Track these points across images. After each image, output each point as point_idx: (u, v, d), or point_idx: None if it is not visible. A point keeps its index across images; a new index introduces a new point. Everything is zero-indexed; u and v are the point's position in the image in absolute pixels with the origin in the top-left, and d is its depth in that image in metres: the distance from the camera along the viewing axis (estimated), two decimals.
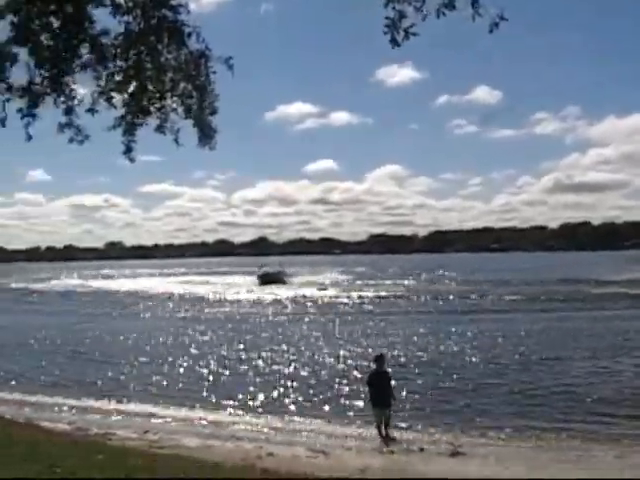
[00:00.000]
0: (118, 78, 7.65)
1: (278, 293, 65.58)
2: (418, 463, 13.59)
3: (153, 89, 7.74)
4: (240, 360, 26.90)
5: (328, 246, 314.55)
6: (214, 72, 7.80)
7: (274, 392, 21.09)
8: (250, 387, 21.90)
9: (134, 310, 52.70)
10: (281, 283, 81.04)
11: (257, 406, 19.60)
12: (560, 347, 27.94)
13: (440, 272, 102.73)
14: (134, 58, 7.55)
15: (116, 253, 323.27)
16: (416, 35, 6.07)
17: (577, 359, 25.30)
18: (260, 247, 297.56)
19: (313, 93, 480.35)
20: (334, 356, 27.14)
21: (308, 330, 35.98)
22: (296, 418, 18.22)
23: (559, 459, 13.79)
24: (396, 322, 38.66)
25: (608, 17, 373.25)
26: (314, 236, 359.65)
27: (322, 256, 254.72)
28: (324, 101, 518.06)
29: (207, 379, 23.63)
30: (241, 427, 17.35)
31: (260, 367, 25.42)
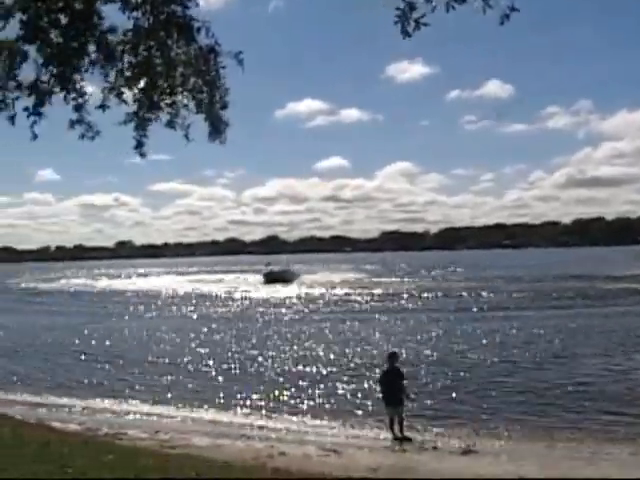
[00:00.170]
0: (128, 74, 7.67)
1: (284, 292, 65.59)
2: (431, 461, 13.52)
3: (163, 84, 7.75)
4: (249, 359, 26.88)
5: (339, 244, 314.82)
6: (224, 67, 7.81)
7: (284, 391, 21.07)
8: (260, 386, 21.89)
9: (142, 310, 52.72)
10: (287, 282, 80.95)
11: (267, 405, 19.57)
12: (572, 344, 27.84)
13: (452, 269, 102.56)
14: (144, 54, 7.56)
15: (126, 252, 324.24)
16: (427, 25, 6.01)
17: (589, 356, 25.19)
18: (271, 245, 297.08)
19: (323, 90, 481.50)
20: (344, 355, 27.12)
21: (316, 329, 35.93)
22: (307, 417, 18.22)
23: (572, 457, 13.74)
24: (406, 320, 38.51)
25: (620, 11, 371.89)
26: (325, 234, 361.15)
27: (333, 254, 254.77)
28: (334, 98, 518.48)
29: (217, 378, 23.67)
30: (252, 426, 17.34)
31: (269, 366, 25.40)
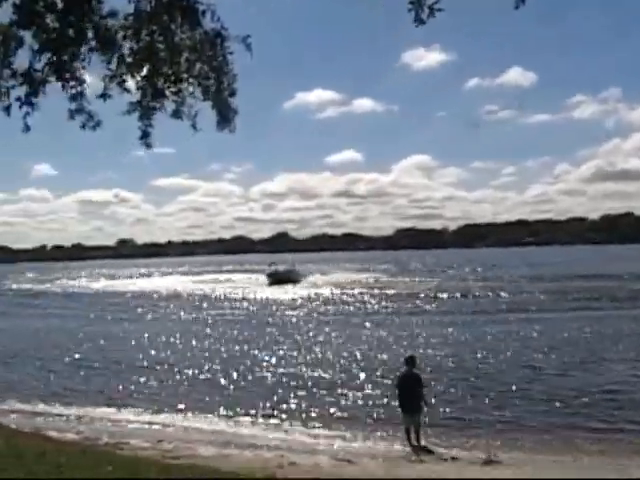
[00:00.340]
0: (130, 61, 7.62)
1: (289, 293, 65.73)
2: (450, 472, 13.46)
3: (167, 71, 7.71)
4: (255, 364, 26.87)
5: (352, 242, 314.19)
6: (231, 52, 7.76)
7: (293, 398, 21.08)
8: (267, 392, 21.91)
9: (142, 312, 52.83)
10: (293, 282, 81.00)
11: (276, 413, 19.56)
12: (599, 349, 27.66)
13: (470, 268, 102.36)
14: (146, 39, 7.51)
15: (127, 251, 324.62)
16: (441, 11, 5.98)
17: (618, 362, 25.02)
18: (280, 244, 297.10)
19: (334, 79, 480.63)
20: (355, 359, 27.11)
21: (324, 333, 35.90)
22: (318, 425, 18.20)
23: (599, 469, 13.61)
24: (422, 323, 38.46)
25: None
26: (337, 231, 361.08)
27: (345, 253, 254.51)
28: (346, 87, 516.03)
29: (221, 385, 23.68)
30: (260, 435, 17.34)
31: (276, 372, 25.40)
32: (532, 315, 40.55)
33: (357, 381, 23.16)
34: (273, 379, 24.20)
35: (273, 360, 27.67)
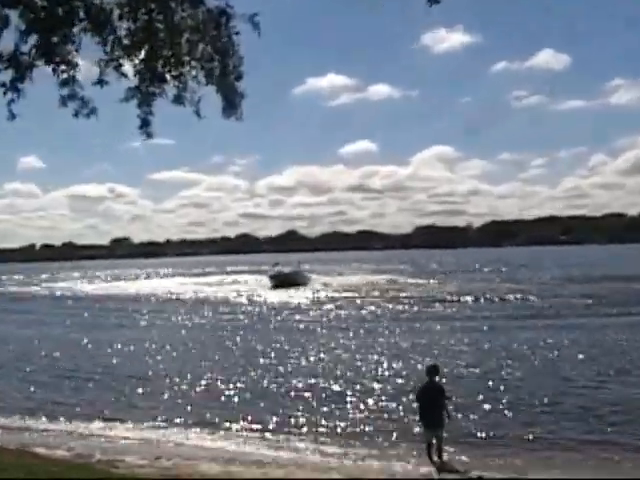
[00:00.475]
0: (127, 42, 7.53)
1: (295, 296, 65.70)
2: None
3: (168, 53, 7.62)
4: (259, 375, 26.84)
5: (367, 240, 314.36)
6: (237, 32, 7.66)
7: (302, 411, 21.04)
8: (273, 405, 21.93)
9: (136, 317, 52.75)
10: (298, 285, 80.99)
11: (284, 427, 19.55)
12: (637, 358, 27.56)
13: (496, 269, 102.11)
14: (144, 19, 7.41)
15: (123, 251, 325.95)
16: None
17: None
18: (288, 242, 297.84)
19: (348, 63, 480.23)
20: (368, 370, 27.08)
21: (335, 340, 35.87)
22: (329, 440, 18.19)
23: None
24: (442, 330, 38.29)
25: None
26: (351, 229, 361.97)
27: (360, 252, 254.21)
28: (361, 72, 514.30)
29: (224, 396, 23.65)
30: (267, 451, 17.34)
31: (282, 382, 25.32)
32: (564, 321, 40.34)
33: (371, 393, 23.07)
34: (279, 390, 24.17)
35: (280, 369, 27.65)
